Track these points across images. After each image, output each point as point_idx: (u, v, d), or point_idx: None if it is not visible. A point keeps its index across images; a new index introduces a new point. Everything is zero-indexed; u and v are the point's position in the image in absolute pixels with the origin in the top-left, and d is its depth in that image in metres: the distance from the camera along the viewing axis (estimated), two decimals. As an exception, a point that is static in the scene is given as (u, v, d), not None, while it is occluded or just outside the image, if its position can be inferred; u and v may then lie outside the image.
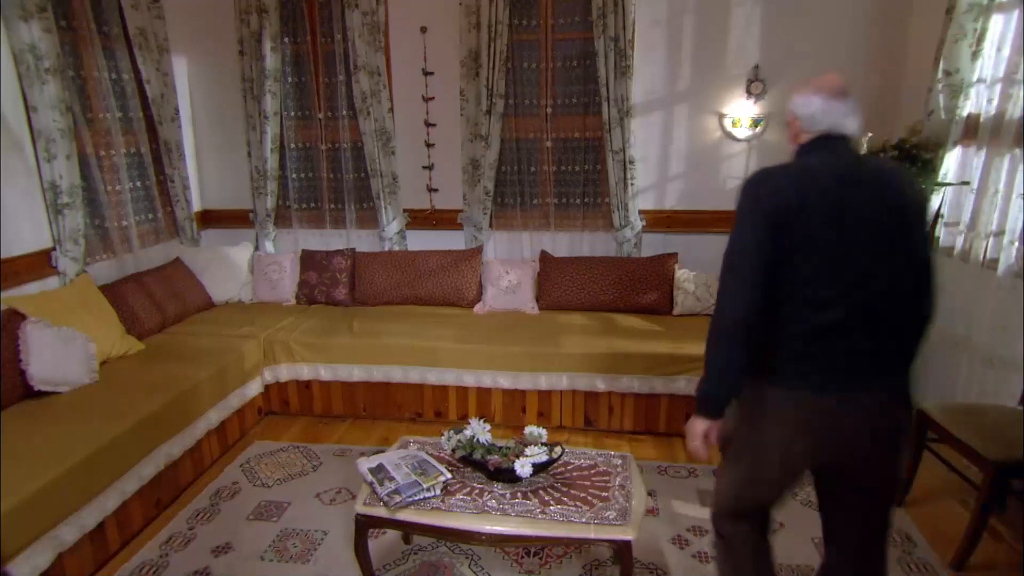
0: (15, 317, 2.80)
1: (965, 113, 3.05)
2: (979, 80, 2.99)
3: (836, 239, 1.53)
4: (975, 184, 3.03)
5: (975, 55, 2.96)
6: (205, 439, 3.06)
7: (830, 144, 1.64)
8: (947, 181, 3.13)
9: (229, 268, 4.14)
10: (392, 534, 2.53)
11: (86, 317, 3.06)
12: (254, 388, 3.50)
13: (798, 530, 2.58)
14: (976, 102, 3.03)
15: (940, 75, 3.08)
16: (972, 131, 3.05)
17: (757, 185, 1.61)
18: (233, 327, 3.64)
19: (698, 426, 1.68)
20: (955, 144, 3.10)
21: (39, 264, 3.14)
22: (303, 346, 3.54)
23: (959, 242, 3.12)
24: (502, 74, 3.85)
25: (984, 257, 2.92)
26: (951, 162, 3.12)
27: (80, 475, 2.30)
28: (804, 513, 2.68)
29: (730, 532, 1.80)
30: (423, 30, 3.96)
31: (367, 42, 3.89)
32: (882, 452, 1.62)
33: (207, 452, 3.11)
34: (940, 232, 3.27)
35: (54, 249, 3.21)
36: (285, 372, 3.59)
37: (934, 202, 3.21)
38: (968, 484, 2.50)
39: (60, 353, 2.81)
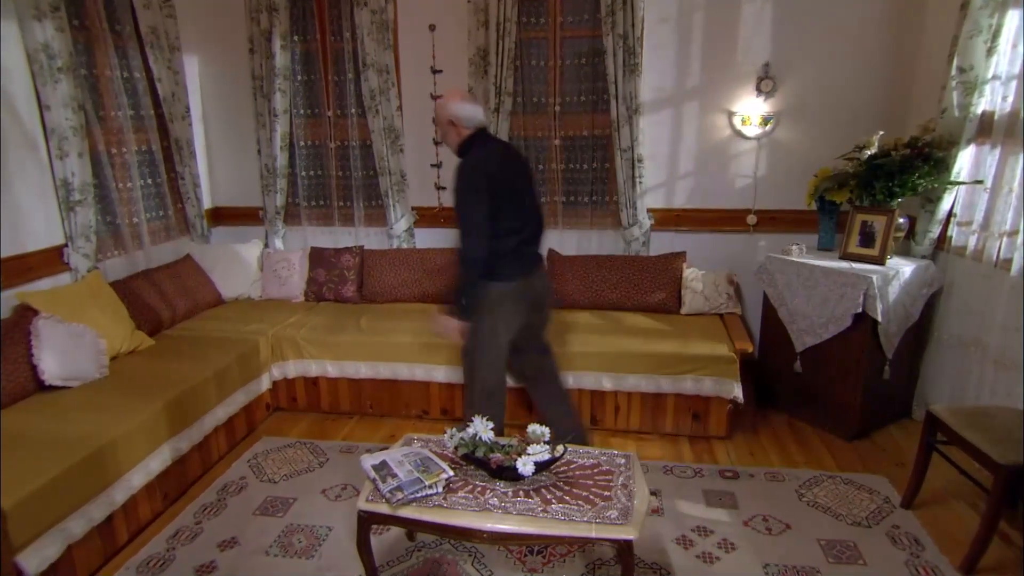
0: (27, 312, 2.85)
1: (979, 111, 3.00)
2: (994, 77, 2.94)
3: (514, 196, 2.63)
4: (989, 183, 2.98)
5: (990, 51, 2.91)
6: (213, 434, 3.09)
7: (485, 134, 2.70)
8: (960, 180, 3.08)
9: (239, 265, 4.17)
10: (396, 530, 2.54)
11: (97, 313, 3.09)
12: (262, 384, 3.53)
13: (803, 531, 2.56)
14: (991, 99, 2.98)
15: (954, 72, 3.03)
16: (986, 129, 3.01)
17: (475, 170, 2.54)
18: (242, 323, 3.67)
19: (457, 325, 2.64)
20: (969, 142, 3.05)
21: (51, 260, 3.19)
22: (311, 343, 3.56)
23: (972, 242, 3.08)
24: (510, 72, 3.84)
25: (997, 257, 2.87)
26: (964, 160, 3.08)
27: (89, 469, 2.34)
28: (810, 515, 2.66)
29: (476, 395, 2.77)
30: (431, 28, 3.96)
31: (376, 40, 3.90)
32: (548, 297, 2.90)
33: (215, 447, 3.14)
34: (953, 231, 3.22)
35: (66, 245, 3.25)
36: (293, 368, 3.61)
37: (946, 201, 3.17)
38: (978, 487, 2.46)
39: (71, 348, 2.85)
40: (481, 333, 2.69)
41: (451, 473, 2.14)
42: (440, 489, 2.09)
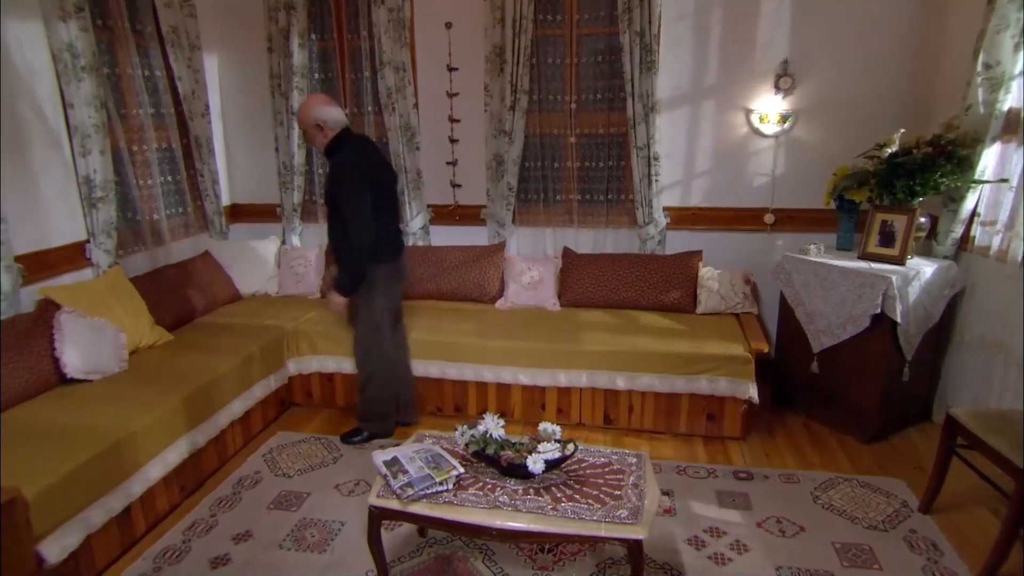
0: (50, 307, 2.91)
1: (1005, 107, 2.93)
2: (1021, 73, 2.87)
3: (384, 187, 3.02)
4: (1014, 181, 2.91)
5: (1017, 47, 2.84)
6: (229, 429, 3.14)
7: (349, 133, 2.98)
8: (984, 178, 3.02)
9: (256, 261, 4.22)
10: (408, 526, 2.56)
11: (117, 308, 3.15)
12: (278, 379, 3.56)
13: (817, 534, 2.53)
14: (1017, 96, 2.91)
15: (979, 67, 2.96)
16: (1012, 126, 2.94)
17: (354, 167, 2.87)
18: (259, 319, 3.72)
19: (342, 300, 3.05)
20: (994, 140, 2.98)
21: (74, 256, 3.25)
22: (327, 339, 3.59)
23: (996, 242, 3.01)
24: (526, 70, 3.84)
25: (1022, 257, 2.81)
26: (989, 158, 3.01)
27: (108, 460, 2.38)
28: (824, 517, 2.63)
29: (375, 367, 3.18)
30: (448, 26, 3.97)
31: (392, 38, 3.92)
32: (407, 275, 3.34)
33: (231, 441, 3.18)
34: (976, 231, 3.15)
35: (88, 241, 3.31)
36: (309, 364, 3.65)
37: (970, 200, 3.10)
38: (999, 492, 2.41)
39: (92, 342, 2.90)
40: (374, 313, 3.06)
41: (462, 470, 2.15)
42: (450, 486, 2.09)
